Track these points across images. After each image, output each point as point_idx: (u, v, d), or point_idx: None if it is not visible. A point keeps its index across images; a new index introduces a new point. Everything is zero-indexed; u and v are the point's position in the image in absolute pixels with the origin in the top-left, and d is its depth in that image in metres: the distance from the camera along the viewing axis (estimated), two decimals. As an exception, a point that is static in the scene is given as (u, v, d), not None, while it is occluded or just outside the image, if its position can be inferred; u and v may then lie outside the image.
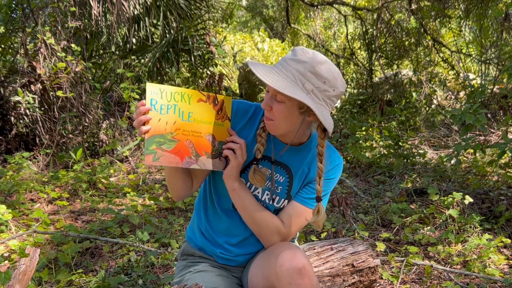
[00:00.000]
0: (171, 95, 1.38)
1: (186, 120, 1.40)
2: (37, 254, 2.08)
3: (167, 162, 1.39)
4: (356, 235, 2.98)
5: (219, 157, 1.46)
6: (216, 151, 1.45)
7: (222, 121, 1.45)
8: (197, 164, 1.42)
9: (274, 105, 1.39)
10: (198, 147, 1.42)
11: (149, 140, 1.36)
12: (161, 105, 1.36)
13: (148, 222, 3.18)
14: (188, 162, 1.41)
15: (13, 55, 5.60)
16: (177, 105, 1.38)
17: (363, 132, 5.62)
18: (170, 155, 1.38)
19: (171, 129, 1.38)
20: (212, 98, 1.44)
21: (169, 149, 1.38)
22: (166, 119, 1.37)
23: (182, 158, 1.40)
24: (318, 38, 10.86)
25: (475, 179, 3.95)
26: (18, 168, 4.22)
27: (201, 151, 1.43)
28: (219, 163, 1.46)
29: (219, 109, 1.45)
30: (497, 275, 2.39)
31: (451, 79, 8.38)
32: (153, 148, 1.36)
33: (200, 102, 1.42)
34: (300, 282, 1.35)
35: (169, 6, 6.03)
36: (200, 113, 1.42)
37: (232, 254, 1.61)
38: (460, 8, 7.96)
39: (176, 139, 1.39)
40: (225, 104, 1.45)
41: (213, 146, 1.45)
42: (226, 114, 1.46)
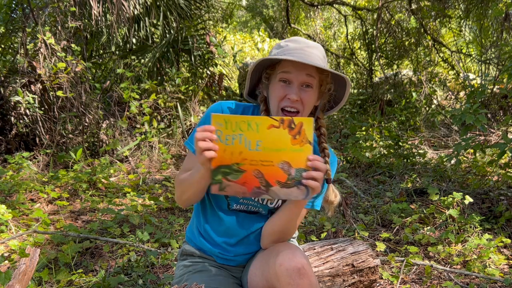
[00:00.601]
0: (236, 124, 1.31)
1: (253, 150, 1.32)
2: (37, 254, 2.08)
3: (234, 192, 1.36)
4: (356, 235, 2.98)
5: (296, 186, 1.33)
6: (293, 180, 1.33)
7: (301, 145, 1.31)
8: (268, 194, 1.35)
9: (303, 93, 1.41)
10: (269, 176, 1.33)
11: (215, 171, 1.34)
12: (226, 136, 1.32)
13: (148, 222, 3.18)
14: (257, 192, 1.35)
15: (13, 55, 5.60)
16: (242, 135, 1.32)
17: (363, 132, 5.62)
18: (237, 185, 1.35)
19: (237, 159, 1.33)
20: (288, 122, 1.30)
21: (236, 180, 1.34)
22: (232, 149, 1.33)
23: (249, 188, 1.35)
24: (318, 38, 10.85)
25: (475, 179, 3.95)
26: (18, 168, 4.22)
27: (272, 181, 1.33)
28: (297, 192, 1.34)
29: (297, 133, 1.31)
30: (497, 275, 2.39)
31: (451, 79, 8.39)
32: (219, 178, 1.35)
33: (272, 129, 1.31)
34: (299, 282, 1.35)
35: (169, 6, 6.03)
36: (271, 141, 1.31)
37: (231, 254, 1.61)
38: (460, 8, 7.96)
39: (242, 169, 1.34)
40: (304, 127, 1.30)
41: (288, 175, 1.33)
42: (306, 137, 1.30)
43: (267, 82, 1.49)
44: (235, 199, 1.56)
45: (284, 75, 1.41)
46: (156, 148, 5.09)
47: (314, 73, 1.42)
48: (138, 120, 5.13)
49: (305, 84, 1.42)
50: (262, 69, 1.50)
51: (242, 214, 1.58)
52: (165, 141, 5.36)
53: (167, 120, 5.60)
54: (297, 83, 1.41)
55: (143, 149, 5.08)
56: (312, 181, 1.30)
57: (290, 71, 1.41)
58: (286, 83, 1.42)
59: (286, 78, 1.42)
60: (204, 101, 6.07)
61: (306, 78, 1.41)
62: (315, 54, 1.43)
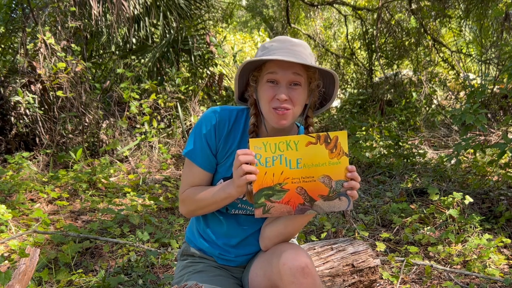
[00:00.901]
0: (276, 146, 1.36)
1: (294, 168, 1.37)
2: (37, 254, 2.08)
3: (279, 212, 1.39)
4: (356, 235, 2.98)
5: (338, 197, 1.38)
6: (334, 192, 1.38)
7: (338, 158, 1.37)
8: (313, 209, 1.39)
9: (292, 92, 1.41)
10: (312, 192, 1.38)
11: (257, 194, 1.37)
12: (266, 158, 1.36)
13: (148, 222, 3.18)
14: (302, 209, 1.39)
15: (13, 55, 5.60)
16: (282, 155, 1.36)
17: (363, 132, 5.62)
18: (281, 205, 1.38)
19: (279, 179, 1.37)
20: (323, 138, 1.37)
21: (279, 200, 1.38)
22: (273, 171, 1.37)
23: (294, 207, 1.38)
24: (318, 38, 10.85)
25: (475, 179, 3.95)
26: (18, 168, 4.22)
27: (315, 196, 1.38)
28: (339, 203, 1.39)
29: (333, 147, 1.37)
30: (497, 275, 2.39)
31: (451, 79, 8.39)
32: (262, 201, 1.38)
33: (310, 146, 1.36)
34: (303, 281, 1.35)
35: (169, 6, 6.03)
36: (311, 157, 1.37)
37: (231, 255, 1.61)
38: (460, 8, 7.96)
39: (285, 188, 1.37)
40: (340, 140, 1.37)
41: (330, 188, 1.38)
42: (342, 150, 1.37)
43: (255, 85, 1.48)
44: (232, 205, 1.56)
45: (270, 76, 1.41)
46: (156, 148, 5.08)
47: (300, 71, 1.42)
48: (138, 120, 5.13)
49: (293, 83, 1.41)
50: (249, 72, 1.49)
51: (242, 216, 1.58)
52: (165, 141, 5.36)
53: (167, 120, 5.60)
54: (284, 83, 1.41)
55: (143, 149, 5.08)
56: (353, 190, 1.37)
57: (276, 71, 1.40)
58: (274, 83, 1.41)
59: (273, 79, 1.41)
60: (204, 101, 6.07)
61: (293, 76, 1.41)
62: (300, 51, 1.42)
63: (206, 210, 1.54)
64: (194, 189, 1.53)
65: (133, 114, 5.11)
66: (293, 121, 1.47)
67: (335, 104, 9.48)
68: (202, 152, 1.51)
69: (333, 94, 1.52)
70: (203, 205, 1.51)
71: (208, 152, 1.51)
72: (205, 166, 1.52)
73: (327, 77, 1.49)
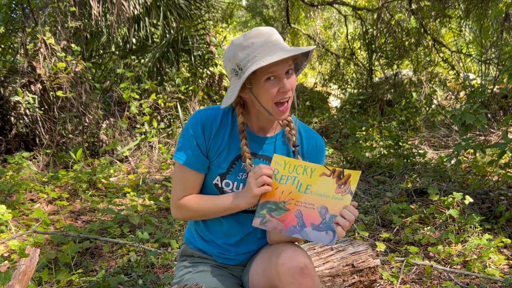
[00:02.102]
0: (294, 167, 1.44)
1: (302, 192, 1.43)
2: (37, 254, 2.08)
3: (272, 227, 1.45)
4: (356, 235, 2.98)
5: (326, 230, 1.42)
6: (325, 224, 1.43)
7: (343, 195, 1.42)
8: (300, 234, 1.44)
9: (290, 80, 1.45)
10: (306, 218, 1.43)
11: (261, 205, 1.45)
12: (281, 175, 1.44)
13: (148, 222, 3.18)
14: (292, 231, 1.44)
15: (13, 55, 5.60)
16: (297, 177, 1.43)
17: (363, 132, 5.62)
18: (277, 221, 1.44)
19: (285, 198, 1.44)
20: (338, 173, 1.42)
21: (278, 216, 1.44)
22: (283, 188, 1.44)
23: (287, 226, 1.44)
24: (318, 38, 10.85)
25: (475, 179, 3.95)
26: (18, 168, 4.22)
27: (307, 222, 1.43)
28: (325, 236, 1.42)
29: (343, 183, 1.42)
30: (497, 275, 2.39)
31: (451, 79, 8.39)
32: (263, 212, 1.45)
33: (323, 176, 1.42)
34: (302, 281, 1.35)
35: (169, 6, 6.03)
36: (319, 187, 1.43)
37: (231, 254, 1.61)
38: (460, 8, 7.96)
39: (287, 208, 1.44)
40: (351, 178, 1.42)
41: (323, 219, 1.43)
42: (350, 188, 1.41)
43: (250, 86, 1.46)
44: None
45: (271, 74, 1.42)
46: (156, 148, 5.08)
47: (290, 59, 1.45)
48: (138, 120, 5.13)
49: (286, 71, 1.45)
50: None
51: (242, 214, 1.58)
52: (165, 141, 5.36)
53: (167, 120, 5.60)
54: (282, 75, 1.43)
55: (143, 149, 5.08)
56: (340, 227, 1.38)
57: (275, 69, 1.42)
58: (272, 79, 1.43)
59: (274, 75, 1.43)
60: (204, 101, 6.07)
61: (288, 66, 1.44)
62: (279, 39, 1.47)
63: (206, 218, 1.58)
64: (195, 197, 1.54)
65: (133, 114, 5.11)
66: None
67: (335, 104, 9.49)
68: (193, 154, 1.51)
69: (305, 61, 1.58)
70: (205, 214, 1.55)
71: (199, 153, 1.51)
72: (197, 168, 1.52)
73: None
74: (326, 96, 9.58)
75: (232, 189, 1.54)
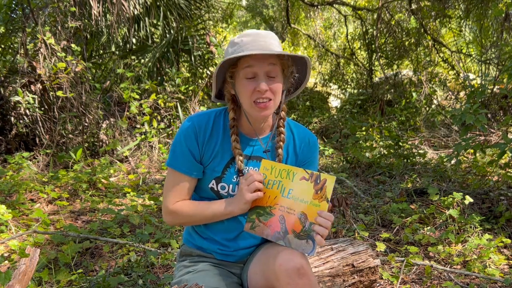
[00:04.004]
0: (279, 172, 1.46)
1: (285, 197, 1.45)
2: (37, 254, 2.08)
3: (260, 233, 1.48)
4: (356, 235, 2.98)
5: (307, 239, 1.41)
6: (305, 232, 1.42)
7: (319, 201, 1.41)
8: (283, 241, 1.44)
9: (270, 83, 1.45)
10: (289, 224, 1.44)
11: (252, 210, 1.48)
12: (268, 180, 1.47)
13: (148, 222, 3.18)
14: (277, 237, 1.45)
15: (13, 55, 5.60)
16: (281, 182, 1.45)
17: (363, 132, 5.62)
18: (265, 227, 1.47)
19: (271, 202, 1.46)
20: (315, 177, 1.42)
21: (265, 221, 1.47)
22: (270, 193, 1.47)
23: (272, 232, 1.46)
24: (318, 38, 10.85)
25: (475, 179, 3.95)
26: (18, 168, 4.22)
27: (289, 229, 1.44)
28: (305, 245, 1.41)
29: (319, 188, 1.41)
30: (497, 275, 2.39)
31: (451, 79, 8.39)
32: (253, 217, 1.48)
33: (302, 180, 1.43)
34: (299, 282, 1.35)
35: (169, 6, 6.03)
36: (299, 191, 1.43)
37: (230, 249, 1.61)
38: (460, 8, 7.96)
39: (272, 213, 1.46)
40: (327, 184, 1.41)
41: (303, 226, 1.42)
42: (325, 195, 1.40)
43: (232, 81, 1.51)
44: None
45: (248, 70, 1.44)
46: (156, 148, 5.09)
47: (275, 61, 1.46)
48: (138, 120, 5.13)
49: (270, 74, 1.46)
50: (225, 69, 1.52)
51: None
52: (165, 141, 5.36)
53: (167, 120, 5.61)
54: (262, 74, 1.44)
55: (143, 149, 5.08)
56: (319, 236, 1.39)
57: (253, 64, 1.44)
58: (252, 77, 1.45)
59: (251, 73, 1.45)
60: (204, 101, 6.08)
61: (269, 67, 1.44)
62: (270, 42, 1.47)
63: (198, 224, 1.61)
64: (188, 203, 1.55)
65: (133, 114, 5.11)
66: (274, 109, 1.52)
67: (335, 104, 9.49)
68: (186, 160, 1.52)
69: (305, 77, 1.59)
70: (198, 220, 1.57)
71: (192, 160, 1.53)
72: (190, 173, 1.53)
73: (299, 62, 1.55)
74: (326, 96, 9.59)
75: (228, 192, 1.55)
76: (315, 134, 6.54)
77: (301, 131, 1.65)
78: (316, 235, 1.39)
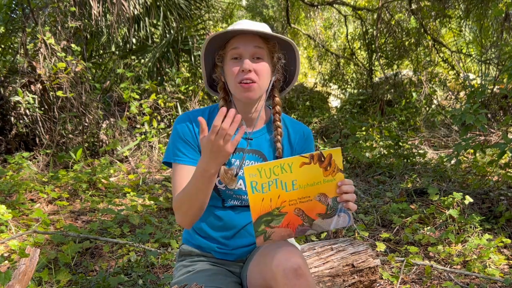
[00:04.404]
0: (270, 171, 1.34)
1: (290, 190, 1.36)
2: (37, 254, 2.08)
3: (279, 237, 1.39)
4: (356, 235, 2.98)
5: (337, 214, 1.39)
6: (332, 209, 1.39)
7: (333, 175, 1.37)
8: (312, 228, 1.39)
9: (255, 64, 1.46)
10: (310, 211, 1.38)
11: (256, 222, 1.36)
12: (262, 184, 1.34)
13: (148, 222, 3.18)
14: (302, 230, 1.39)
15: (13, 55, 5.60)
16: (278, 179, 1.35)
17: (363, 132, 5.62)
18: (281, 229, 1.38)
19: (277, 204, 1.36)
20: (317, 157, 1.35)
21: (279, 224, 1.38)
22: (270, 196, 1.35)
23: (294, 229, 1.39)
24: (318, 38, 10.85)
25: (475, 179, 3.95)
26: (18, 168, 4.22)
27: (313, 215, 1.39)
28: (338, 220, 1.39)
29: (328, 165, 1.36)
30: (497, 275, 2.39)
31: (451, 79, 8.39)
32: (263, 228, 1.37)
33: (304, 166, 1.35)
34: (296, 282, 1.34)
35: (169, 6, 6.04)
36: (305, 177, 1.36)
37: (229, 248, 1.61)
38: (460, 8, 7.96)
39: (283, 212, 1.37)
40: (334, 157, 1.36)
41: (327, 205, 1.38)
42: (337, 167, 1.36)
43: (221, 64, 1.53)
44: (229, 196, 1.58)
45: (234, 51, 1.46)
46: (156, 148, 5.08)
47: (261, 44, 1.48)
48: (138, 120, 5.13)
49: (255, 56, 1.47)
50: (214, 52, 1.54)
51: (238, 207, 1.59)
52: (165, 141, 5.36)
53: (167, 120, 5.61)
54: (247, 56, 1.46)
55: (143, 149, 5.08)
56: (349, 203, 1.37)
57: (238, 46, 1.46)
58: (238, 59, 1.47)
59: (236, 54, 1.47)
60: (204, 101, 6.08)
61: (255, 49, 1.46)
62: (259, 26, 1.50)
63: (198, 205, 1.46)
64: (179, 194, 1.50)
65: (133, 114, 5.11)
66: (260, 94, 1.51)
67: (335, 104, 9.49)
68: (187, 151, 1.53)
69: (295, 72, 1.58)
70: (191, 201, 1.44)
71: (190, 149, 1.53)
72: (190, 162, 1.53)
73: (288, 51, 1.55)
74: (326, 96, 9.59)
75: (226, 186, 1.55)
76: (315, 134, 6.55)
77: (295, 124, 1.66)
78: (347, 204, 1.37)
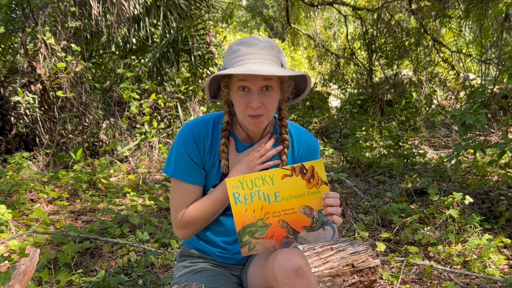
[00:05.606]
0: (252, 182, 1.36)
1: (273, 202, 1.37)
2: (37, 254, 2.08)
3: (264, 248, 1.40)
4: (356, 235, 2.98)
5: (322, 227, 1.39)
6: (317, 222, 1.39)
7: (317, 188, 1.37)
8: (297, 241, 1.40)
9: (264, 97, 1.39)
10: (294, 224, 1.39)
11: (241, 232, 1.38)
12: (244, 196, 1.36)
13: (148, 222, 3.18)
14: (286, 242, 1.39)
15: (13, 55, 5.60)
16: (260, 191, 1.36)
17: (363, 132, 5.62)
18: (265, 240, 1.39)
19: (260, 215, 1.37)
20: (299, 169, 1.36)
21: (263, 236, 1.39)
22: (253, 207, 1.37)
23: (278, 240, 1.39)
24: (318, 38, 10.86)
25: (475, 179, 3.95)
26: (18, 168, 4.22)
27: (298, 227, 1.39)
28: (324, 233, 1.40)
29: (310, 177, 1.36)
30: (497, 275, 2.39)
31: (451, 79, 8.39)
32: (247, 239, 1.38)
33: (286, 178, 1.36)
34: (297, 283, 1.34)
35: (169, 6, 6.03)
36: (288, 189, 1.37)
37: (230, 253, 1.61)
38: (460, 8, 7.96)
39: (267, 223, 1.38)
40: (316, 169, 1.36)
41: (312, 218, 1.39)
42: (320, 179, 1.36)
43: (227, 90, 1.46)
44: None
45: (242, 83, 1.38)
46: (156, 148, 5.09)
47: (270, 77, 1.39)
48: (138, 120, 5.13)
49: (265, 87, 1.39)
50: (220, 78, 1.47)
51: None
52: (165, 141, 5.36)
53: (167, 120, 5.61)
54: (256, 89, 1.38)
55: (143, 149, 5.08)
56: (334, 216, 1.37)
57: (247, 78, 1.37)
58: (246, 90, 1.39)
59: (244, 86, 1.39)
60: (204, 101, 6.08)
61: (264, 82, 1.38)
62: (269, 55, 1.39)
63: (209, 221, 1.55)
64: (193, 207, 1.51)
65: (133, 114, 5.11)
66: (268, 122, 1.46)
67: (335, 104, 9.50)
68: (189, 168, 1.50)
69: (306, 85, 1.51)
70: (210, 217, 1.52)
71: (195, 167, 1.50)
72: (195, 181, 1.51)
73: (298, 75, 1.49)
74: (326, 96, 9.59)
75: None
76: (315, 134, 6.55)
77: (301, 135, 1.60)
78: (331, 217, 1.36)
